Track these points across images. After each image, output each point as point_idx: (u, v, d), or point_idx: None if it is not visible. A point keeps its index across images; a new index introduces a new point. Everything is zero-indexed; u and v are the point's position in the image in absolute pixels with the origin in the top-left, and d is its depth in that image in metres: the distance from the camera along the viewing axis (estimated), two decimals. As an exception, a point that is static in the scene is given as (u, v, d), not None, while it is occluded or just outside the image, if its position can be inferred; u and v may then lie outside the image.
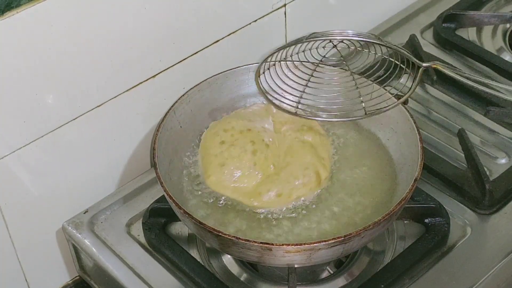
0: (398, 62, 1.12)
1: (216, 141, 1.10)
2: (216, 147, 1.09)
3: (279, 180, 1.06)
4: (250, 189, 1.06)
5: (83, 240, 1.11)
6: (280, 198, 1.05)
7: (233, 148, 1.08)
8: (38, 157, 1.06)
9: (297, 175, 1.06)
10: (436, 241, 1.05)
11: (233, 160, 1.07)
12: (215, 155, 1.08)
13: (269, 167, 1.08)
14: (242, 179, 1.07)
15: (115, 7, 1.03)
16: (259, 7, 1.22)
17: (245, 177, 1.07)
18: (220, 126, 1.12)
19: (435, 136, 1.22)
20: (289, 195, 1.05)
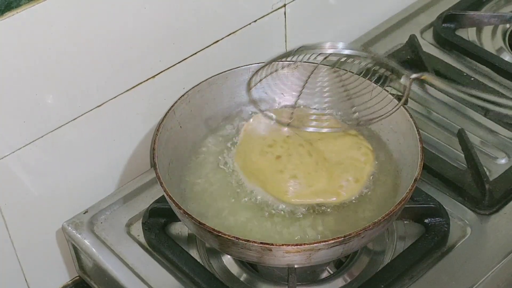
0: (387, 73, 1.10)
1: (271, 159, 1.08)
2: (274, 164, 1.07)
3: (337, 174, 1.06)
4: (326, 186, 1.05)
5: (83, 240, 1.11)
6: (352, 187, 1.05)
7: (292, 157, 1.07)
8: (38, 157, 1.06)
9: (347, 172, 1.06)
10: (436, 241, 1.06)
11: (300, 167, 1.06)
12: (280, 171, 1.06)
13: (325, 163, 1.07)
14: (314, 181, 1.05)
15: (115, 7, 1.03)
16: (259, 7, 1.22)
17: (315, 178, 1.06)
18: (260, 144, 1.10)
19: (435, 136, 1.22)
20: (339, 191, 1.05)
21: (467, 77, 1.29)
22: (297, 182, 1.05)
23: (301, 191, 1.04)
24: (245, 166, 1.08)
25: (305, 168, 1.06)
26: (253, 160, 1.08)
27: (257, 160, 1.08)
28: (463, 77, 1.29)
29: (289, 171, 1.06)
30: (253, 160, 1.08)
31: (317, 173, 1.06)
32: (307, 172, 1.06)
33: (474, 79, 1.29)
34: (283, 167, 1.07)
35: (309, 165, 1.07)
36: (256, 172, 1.07)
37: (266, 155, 1.08)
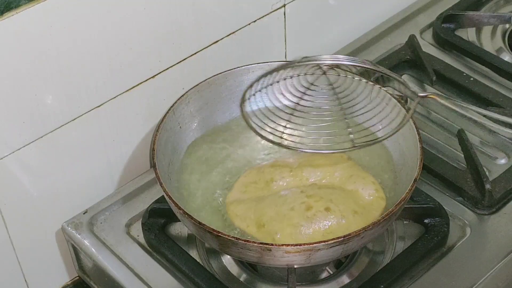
0: (391, 92, 1.08)
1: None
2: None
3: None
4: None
5: (83, 241, 1.11)
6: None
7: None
8: (37, 157, 1.06)
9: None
10: (436, 242, 1.06)
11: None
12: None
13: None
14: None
15: (114, 7, 1.03)
16: (258, 8, 1.22)
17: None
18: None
19: (435, 137, 1.22)
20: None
21: (467, 77, 1.29)
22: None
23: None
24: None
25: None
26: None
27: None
28: (462, 77, 1.29)
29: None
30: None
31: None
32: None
33: (474, 79, 1.29)
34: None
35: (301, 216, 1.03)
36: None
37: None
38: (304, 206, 1.02)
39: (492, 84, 1.28)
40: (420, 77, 1.32)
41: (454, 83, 1.29)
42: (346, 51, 1.37)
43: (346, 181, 1.07)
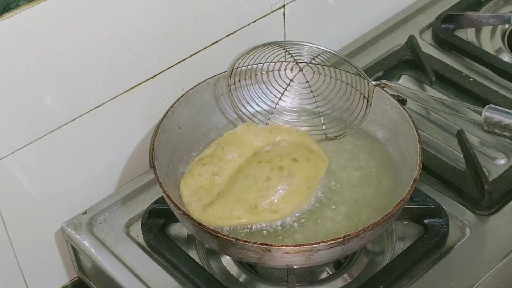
0: (348, 83, 1.14)
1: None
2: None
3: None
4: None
5: (82, 241, 1.11)
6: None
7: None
8: (37, 158, 1.06)
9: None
10: (435, 242, 1.06)
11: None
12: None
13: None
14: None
15: (113, 8, 1.03)
16: (258, 8, 1.22)
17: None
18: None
19: (434, 137, 1.22)
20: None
21: (466, 77, 1.29)
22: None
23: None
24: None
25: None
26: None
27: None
28: (462, 77, 1.29)
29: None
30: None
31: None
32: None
33: (473, 80, 1.29)
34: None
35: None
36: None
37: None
38: (276, 170, 1.05)
39: (491, 84, 1.28)
40: (420, 78, 1.32)
41: (454, 83, 1.29)
42: (345, 52, 1.37)
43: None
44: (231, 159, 1.10)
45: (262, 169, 1.05)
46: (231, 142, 1.11)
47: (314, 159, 1.08)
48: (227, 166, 1.09)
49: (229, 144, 1.11)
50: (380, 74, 1.31)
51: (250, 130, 1.13)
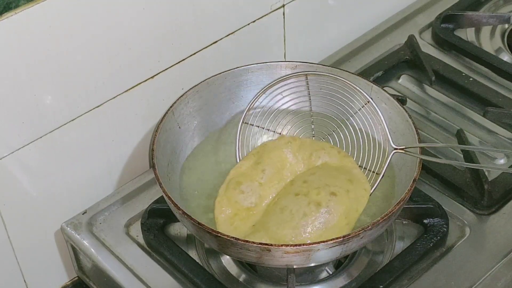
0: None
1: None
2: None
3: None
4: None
5: (82, 241, 1.11)
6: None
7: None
8: (36, 157, 1.06)
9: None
10: (435, 242, 1.06)
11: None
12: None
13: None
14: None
15: (113, 8, 1.03)
16: (257, 8, 1.22)
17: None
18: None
19: (434, 137, 1.22)
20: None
21: (466, 77, 1.29)
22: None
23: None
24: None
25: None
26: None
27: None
28: (462, 77, 1.29)
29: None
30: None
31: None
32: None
33: (473, 79, 1.29)
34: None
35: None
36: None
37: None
38: (313, 206, 1.01)
39: (491, 84, 1.28)
40: (420, 77, 1.32)
41: (453, 83, 1.29)
42: (345, 51, 1.37)
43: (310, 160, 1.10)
44: (271, 185, 1.07)
45: (299, 203, 1.02)
46: (272, 163, 1.08)
47: (355, 190, 1.04)
48: (265, 193, 1.06)
49: (270, 165, 1.08)
50: (380, 74, 1.31)
51: (290, 147, 1.10)
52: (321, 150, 1.10)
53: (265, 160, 1.09)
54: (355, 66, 1.33)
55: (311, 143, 1.12)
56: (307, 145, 1.11)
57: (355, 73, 1.17)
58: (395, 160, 1.09)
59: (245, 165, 1.10)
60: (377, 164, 1.08)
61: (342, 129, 1.12)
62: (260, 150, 1.11)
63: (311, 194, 1.02)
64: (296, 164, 1.10)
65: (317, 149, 1.11)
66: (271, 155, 1.10)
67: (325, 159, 1.10)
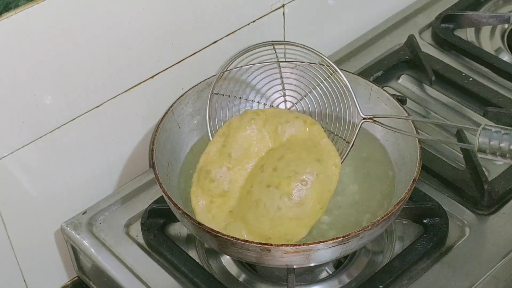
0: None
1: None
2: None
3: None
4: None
5: (82, 241, 1.11)
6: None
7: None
8: (36, 157, 1.06)
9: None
10: (435, 242, 1.06)
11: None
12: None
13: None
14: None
15: (113, 8, 1.03)
16: (257, 8, 1.22)
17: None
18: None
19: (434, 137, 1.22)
20: None
21: (466, 77, 1.29)
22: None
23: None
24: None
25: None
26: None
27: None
28: (462, 77, 1.29)
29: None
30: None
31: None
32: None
33: (473, 79, 1.29)
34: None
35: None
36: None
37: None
38: (286, 199, 1.02)
39: (491, 84, 1.28)
40: (419, 77, 1.32)
41: (453, 83, 1.29)
42: (345, 51, 1.37)
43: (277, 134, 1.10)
44: (240, 167, 1.08)
45: (272, 196, 1.02)
46: (238, 145, 1.09)
47: (324, 170, 1.05)
48: (236, 177, 1.07)
49: (236, 148, 1.09)
50: (379, 74, 1.31)
51: (254, 123, 1.10)
52: (286, 123, 1.10)
53: (230, 143, 1.09)
54: (355, 66, 1.33)
55: (276, 115, 1.11)
56: (271, 118, 1.11)
57: (355, 73, 1.17)
58: (395, 160, 1.09)
59: (213, 150, 1.10)
60: (347, 132, 1.09)
61: (313, 95, 1.13)
62: (226, 131, 1.11)
63: (282, 186, 1.03)
64: (263, 139, 1.10)
65: (282, 122, 1.10)
66: (236, 136, 1.10)
67: (291, 132, 1.10)
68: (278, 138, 1.10)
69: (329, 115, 1.11)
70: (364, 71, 1.31)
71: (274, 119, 1.11)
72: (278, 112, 1.12)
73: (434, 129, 1.24)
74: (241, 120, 1.11)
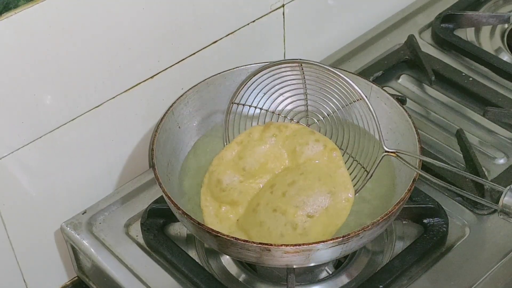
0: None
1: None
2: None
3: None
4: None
5: (82, 241, 1.11)
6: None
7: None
8: (36, 157, 1.06)
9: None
10: (435, 242, 1.06)
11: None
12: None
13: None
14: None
15: (113, 7, 1.03)
16: (257, 8, 1.22)
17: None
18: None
19: (434, 137, 1.22)
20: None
21: (466, 77, 1.29)
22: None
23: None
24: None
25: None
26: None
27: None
28: (461, 77, 1.29)
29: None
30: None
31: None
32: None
33: (473, 79, 1.29)
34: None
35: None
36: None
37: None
38: (290, 228, 1.00)
39: (491, 84, 1.28)
40: (419, 77, 1.32)
41: (453, 83, 1.29)
42: (345, 51, 1.37)
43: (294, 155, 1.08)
44: (252, 181, 1.06)
45: (277, 221, 1.01)
46: (254, 160, 1.07)
47: (335, 205, 1.02)
48: (247, 189, 1.06)
49: (252, 163, 1.07)
50: (379, 74, 1.31)
51: (275, 141, 1.09)
52: (305, 145, 1.08)
53: (247, 156, 1.08)
54: (355, 66, 1.33)
55: (297, 134, 1.09)
56: (292, 137, 1.09)
57: (355, 72, 1.17)
58: (395, 160, 1.09)
59: (228, 156, 1.09)
60: (369, 161, 1.07)
61: (337, 116, 1.10)
62: (245, 140, 1.10)
63: (288, 214, 1.01)
64: (280, 157, 1.09)
65: (302, 144, 1.08)
66: (254, 150, 1.08)
67: (309, 155, 1.07)
68: (295, 158, 1.08)
69: (351, 138, 1.09)
70: (364, 71, 1.31)
71: (294, 138, 1.09)
72: (300, 131, 1.10)
73: (434, 129, 1.23)
74: (262, 132, 1.10)
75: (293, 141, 1.09)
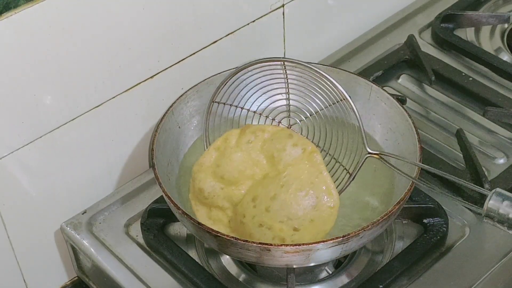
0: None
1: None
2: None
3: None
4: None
5: (82, 241, 1.11)
6: None
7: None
8: (36, 157, 1.06)
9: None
10: (435, 242, 1.06)
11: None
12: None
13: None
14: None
15: (113, 7, 1.03)
16: (257, 8, 1.22)
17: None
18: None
19: (434, 136, 1.22)
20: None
21: (466, 77, 1.29)
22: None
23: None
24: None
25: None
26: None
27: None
28: (461, 77, 1.29)
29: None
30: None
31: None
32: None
33: (473, 79, 1.29)
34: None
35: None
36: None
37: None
38: (278, 241, 0.99)
39: (491, 84, 1.28)
40: (419, 77, 1.32)
41: (453, 82, 1.29)
42: (345, 51, 1.37)
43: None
44: (234, 187, 1.04)
45: (265, 235, 0.99)
46: (232, 168, 1.05)
47: (320, 215, 1.00)
48: (230, 194, 1.04)
49: (229, 171, 1.04)
50: (379, 73, 1.31)
51: (252, 147, 1.06)
52: (283, 151, 1.04)
53: (224, 164, 1.05)
54: (355, 66, 1.33)
55: (274, 139, 1.06)
56: (269, 142, 1.06)
57: (354, 72, 1.17)
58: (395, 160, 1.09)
59: (206, 163, 1.06)
60: (352, 162, 1.05)
61: (319, 116, 1.09)
62: (222, 146, 1.07)
63: (275, 229, 1.00)
64: (259, 163, 1.05)
65: (279, 150, 1.05)
66: (231, 157, 1.05)
67: (288, 161, 1.04)
68: (274, 164, 1.05)
69: (334, 139, 1.07)
70: (364, 71, 1.31)
71: (271, 143, 1.06)
72: (277, 135, 1.06)
73: (434, 128, 1.24)
74: (238, 138, 1.07)
75: (270, 146, 1.06)
